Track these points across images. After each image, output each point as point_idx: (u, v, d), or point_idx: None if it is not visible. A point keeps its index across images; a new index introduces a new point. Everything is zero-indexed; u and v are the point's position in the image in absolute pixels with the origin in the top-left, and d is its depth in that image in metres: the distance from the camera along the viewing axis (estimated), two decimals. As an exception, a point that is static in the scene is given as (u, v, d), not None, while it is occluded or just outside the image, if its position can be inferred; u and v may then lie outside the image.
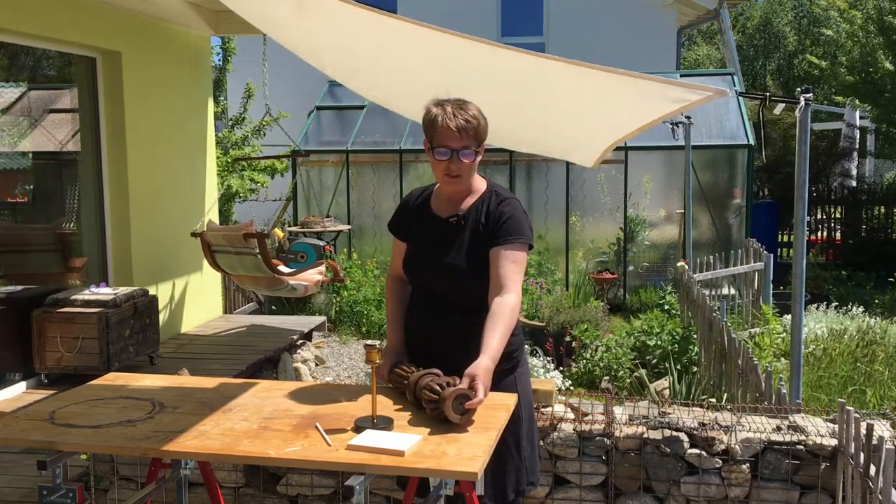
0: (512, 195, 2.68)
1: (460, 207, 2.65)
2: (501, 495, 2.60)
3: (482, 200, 2.63)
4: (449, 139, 2.51)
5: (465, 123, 2.51)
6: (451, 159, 2.53)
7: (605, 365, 6.18)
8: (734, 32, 18.92)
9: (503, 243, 2.52)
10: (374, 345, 2.24)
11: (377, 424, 2.20)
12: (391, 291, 2.81)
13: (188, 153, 6.82)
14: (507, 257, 2.50)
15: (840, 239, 13.03)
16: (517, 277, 2.50)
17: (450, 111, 2.52)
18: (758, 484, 3.41)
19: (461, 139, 2.51)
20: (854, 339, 6.07)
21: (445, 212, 2.66)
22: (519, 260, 2.53)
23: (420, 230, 2.70)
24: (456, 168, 2.54)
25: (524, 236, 2.56)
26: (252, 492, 3.71)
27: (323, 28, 3.89)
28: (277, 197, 11.20)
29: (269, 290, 6.19)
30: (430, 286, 2.66)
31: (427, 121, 2.57)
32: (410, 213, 2.75)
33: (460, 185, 2.61)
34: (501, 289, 2.45)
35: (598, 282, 9.04)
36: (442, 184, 2.65)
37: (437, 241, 2.64)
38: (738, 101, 9.56)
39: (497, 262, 2.50)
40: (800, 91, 4.02)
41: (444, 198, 2.68)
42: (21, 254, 5.63)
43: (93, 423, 2.29)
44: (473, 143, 2.54)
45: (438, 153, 2.54)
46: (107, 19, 5.63)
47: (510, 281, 2.46)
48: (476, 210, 2.62)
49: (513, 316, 2.43)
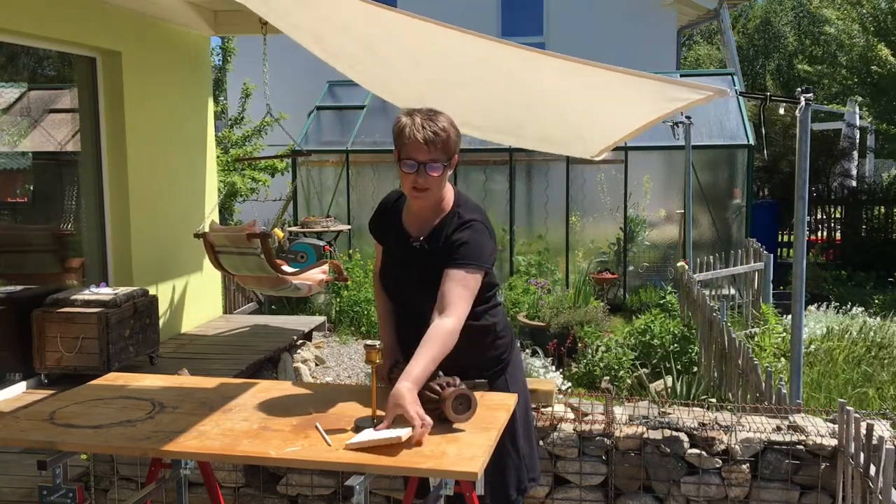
0: (475, 214, 2.58)
1: (424, 228, 2.59)
2: (504, 495, 2.60)
3: (445, 222, 2.57)
4: (416, 151, 2.43)
5: (433, 136, 2.42)
6: (419, 172, 2.44)
7: (605, 365, 6.18)
8: (734, 32, 18.92)
9: (453, 266, 2.45)
10: (374, 345, 2.24)
11: (377, 424, 2.19)
12: (379, 290, 2.79)
13: (188, 153, 6.81)
14: (456, 279, 2.43)
15: (840, 239, 13.03)
16: (461, 301, 2.42)
17: (418, 122, 2.43)
18: (758, 484, 3.41)
19: (428, 152, 2.42)
20: (854, 339, 6.07)
21: (413, 229, 2.62)
22: (468, 284, 2.44)
23: (391, 242, 2.68)
24: (423, 182, 2.46)
25: (479, 260, 2.48)
26: (252, 492, 3.71)
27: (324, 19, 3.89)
28: (278, 197, 11.20)
29: (273, 290, 6.18)
30: (400, 296, 2.67)
31: (396, 130, 2.49)
32: (384, 219, 2.71)
33: (427, 200, 2.53)
34: (443, 311, 2.39)
35: (598, 282, 9.04)
36: (409, 197, 2.57)
37: (402, 259, 2.63)
38: (738, 101, 9.56)
39: (445, 282, 2.43)
40: (800, 91, 4.02)
41: (413, 212, 2.62)
42: (21, 254, 5.63)
43: (93, 423, 2.29)
44: (442, 157, 2.45)
45: (405, 165, 2.46)
46: (107, 19, 5.63)
47: (452, 304, 2.39)
48: (437, 234, 2.56)
49: (449, 340, 2.35)
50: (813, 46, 22.53)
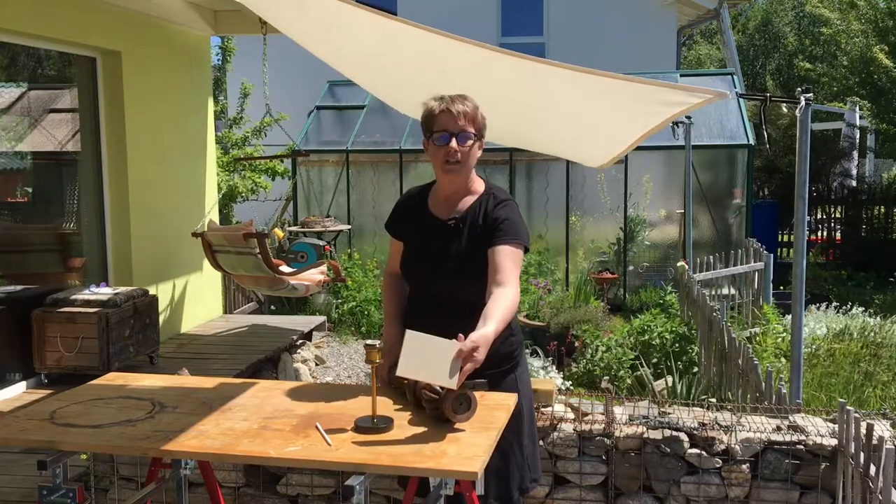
0: (509, 197, 2.65)
1: (457, 209, 2.62)
2: (506, 494, 2.60)
3: (480, 202, 2.61)
4: (448, 123, 2.50)
5: (463, 108, 2.50)
6: (452, 143, 2.50)
7: (605, 365, 6.18)
8: (734, 32, 18.92)
9: (501, 242, 2.50)
10: (375, 344, 2.24)
11: (377, 424, 2.19)
12: (389, 288, 2.80)
13: (188, 153, 6.81)
14: (506, 254, 2.48)
15: (840, 239, 13.03)
16: (515, 274, 2.47)
17: (448, 98, 2.53)
18: (758, 484, 3.41)
19: (460, 122, 2.50)
20: (854, 339, 6.07)
21: (444, 213, 2.64)
22: (517, 259, 2.50)
23: (418, 231, 2.67)
24: (455, 152, 2.51)
25: (521, 238, 2.55)
26: (252, 491, 3.71)
27: (325, 25, 3.89)
28: (277, 197, 11.20)
29: (271, 289, 6.18)
30: (429, 287, 2.64)
31: (426, 113, 2.56)
32: (407, 213, 2.72)
33: (459, 176, 2.57)
34: (502, 282, 2.42)
35: (598, 282, 9.05)
36: (440, 176, 2.61)
37: (435, 242, 2.62)
38: (738, 102, 9.56)
39: (495, 257, 2.47)
40: (800, 91, 4.02)
41: (442, 198, 2.66)
42: (21, 254, 5.63)
43: (93, 423, 2.29)
44: (473, 129, 2.52)
45: (438, 139, 2.52)
46: (107, 19, 5.63)
47: (509, 276, 2.44)
48: (474, 211, 2.60)
49: (513, 306, 2.40)
50: (813, 46, 22.53)
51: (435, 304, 2.61)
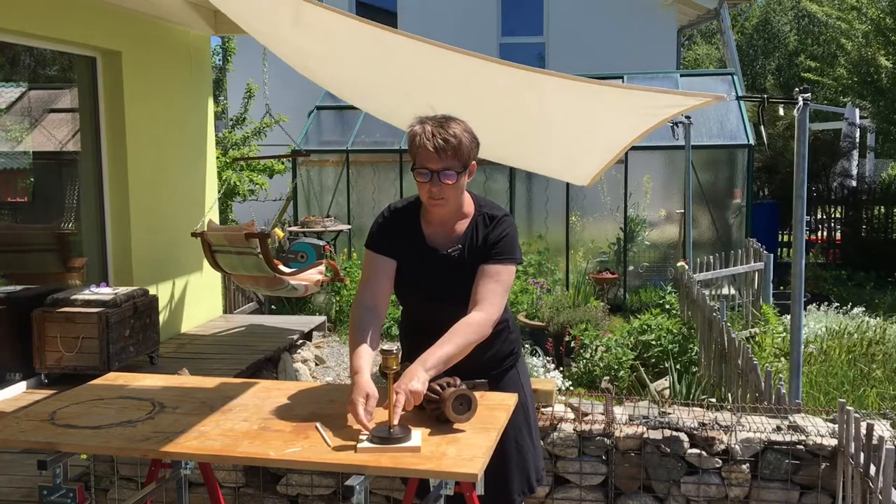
0: (503, 211, 2.59)
1: (454, 233, 2.54)
2: (508, 495, 2.60)
3: (474, 223, 2.55)
4: (427, 160, 2.39)
5: (443, 143, 2.36)
6: (432, 181, 2.40)
7: (605, 365, 6.17)
8: (734, 32, 18.91)
9: (492, 262, 2.47)
10: (392, 350, 2.12)
11: (394, 434, 2.10)
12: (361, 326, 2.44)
13: (188, 153, 6.81)
14: (491, 275, 2.44)
15: (840, 239, 13.02)
16: (496, 297, 2.43)
17: (429, 130, 2.39)
18: (758, 484, 3.41)
19: (440, 160, 2.37)
20: (854, 339, 6.07)
21: (442, 242, 2.55)
22: (503, 279, 2.46)
23: (416, 256, 2.56)
24: (437, 191, 2.41)
25: (514, 255, 2.51)
26: (252, 492, 3.71)
27: (318, 41, 3.89)
28: (277, 197, 11.20)
29: (270, 289, 6.19)
30: (432, 315, 2.54)
31: (409, 139, 2.45)
32: (399, 231, 2.59)
33: (445, 208, 2.50)
34: (475, 305, 2.41)
35: (598, 282, 9.04)
36: (428, 207, 2.52)
37: (438, 273, 2.54)
38: (738, 102, 9.56)
39: (480, 279, 2.45)
40: (798, 91, 4.01)
41: (436, 223, 2.55)
42: (21, 253, 5.63)
43: (93, 424, 2.29)
44: (455, 164, 2.39)
45: (419, 175, 2.42)
46: (107, 19, 5.63)
47: (486, 300, 2.41)
48: (470, 236, 2.54)
49: (472, 331, 2.35)
50: (813, 46, 22.53)
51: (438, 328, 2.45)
